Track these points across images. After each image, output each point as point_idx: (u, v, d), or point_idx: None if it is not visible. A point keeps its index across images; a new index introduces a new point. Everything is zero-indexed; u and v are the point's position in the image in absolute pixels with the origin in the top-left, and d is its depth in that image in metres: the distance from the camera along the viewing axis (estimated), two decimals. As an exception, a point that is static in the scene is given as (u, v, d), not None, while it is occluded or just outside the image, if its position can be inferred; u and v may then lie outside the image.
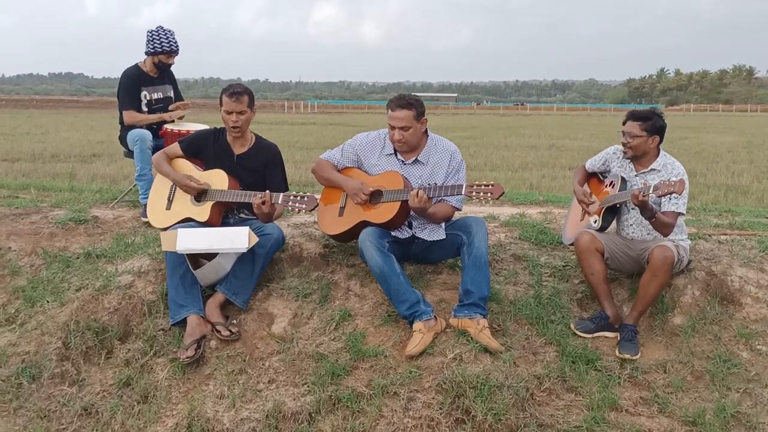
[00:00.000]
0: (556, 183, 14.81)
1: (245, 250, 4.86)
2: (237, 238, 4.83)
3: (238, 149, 5.31)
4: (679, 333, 5.00)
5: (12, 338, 4.85)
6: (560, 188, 13.81)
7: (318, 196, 5.12)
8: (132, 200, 7.30)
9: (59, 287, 5.34)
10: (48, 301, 5.16)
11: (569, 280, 5.50)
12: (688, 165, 19.03)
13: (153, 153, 6.54)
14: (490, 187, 4.70)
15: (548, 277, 5.53)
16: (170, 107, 7.00)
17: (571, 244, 5.51)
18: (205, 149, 5.37)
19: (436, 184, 4.99)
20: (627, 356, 4.76)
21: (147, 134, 6.58)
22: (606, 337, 4.96)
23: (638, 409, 4.41)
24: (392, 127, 4.99)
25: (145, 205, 6.48)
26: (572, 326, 5.00)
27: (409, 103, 4.97)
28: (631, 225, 5.17)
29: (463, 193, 4.76)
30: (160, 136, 6.68)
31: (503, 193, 4.71)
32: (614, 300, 5.13)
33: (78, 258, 5.72)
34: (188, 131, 6.43)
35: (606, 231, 5.21)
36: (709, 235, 6.12)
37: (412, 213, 5.02)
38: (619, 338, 4.89)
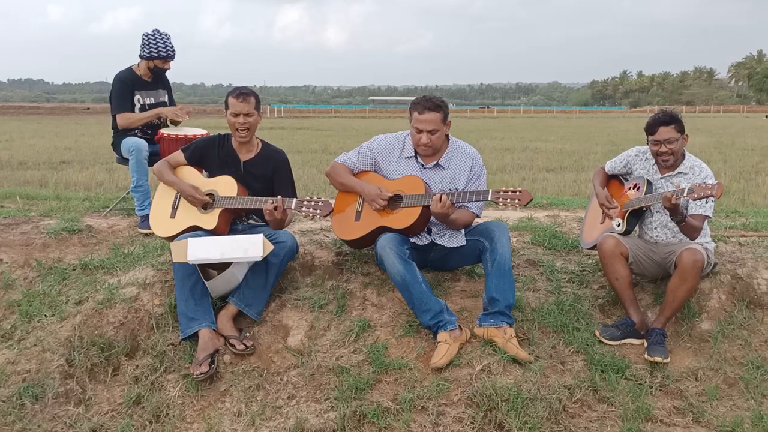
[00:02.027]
0: (538, 185, 14.71)
1: (260, 259, 4.63)
2: (251, 247, 4.60)
3: (245, 155, 5.08)
4: (708, 339, 4.85)
5: (10, 356, 4.60)
6: (543, 190, 13.74)
7: (332, 201, 4.91)
8: (125, 208, 7.02)
9: (57, 301, 5.09)
10: (46, 316, 4.92)
11: (588, 285, 5.34)
12: (663, 166, 19.17)
13: (149, 162, 6.29)
14: (518, 193, 4.51)
15: (566, 282, 5.36)
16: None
17: (591, 248, 5.36)
18: (209, 156, 5.12)
19: (458, 189, 4.82)
20: (658, 359, 4.60)
21: (143, 144, 6.30)
22: (632, 344, 4.80)
23: (673, 419, 4.25)
24: (419, 131, 4.77)
25: (142, 216, 6.23)
26: (597, 333, 4.83)
27: (437, 105, 4.78)
28: (655, 228, 5.02)
29: (489, 198, 4.57)
30: (155, 142, 6.41)
31: (531, 199, 4.52)
32: (639, 306, 4.98)
33: (74, 269, 5.47)
34: (185, 136, 6.20)
35: (629, 235, 5.06)
36: (728, 237, 6.01)
37: (432, 219, 4.83)
38: (647, 342, 4.74)
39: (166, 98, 6.79)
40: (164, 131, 6.33)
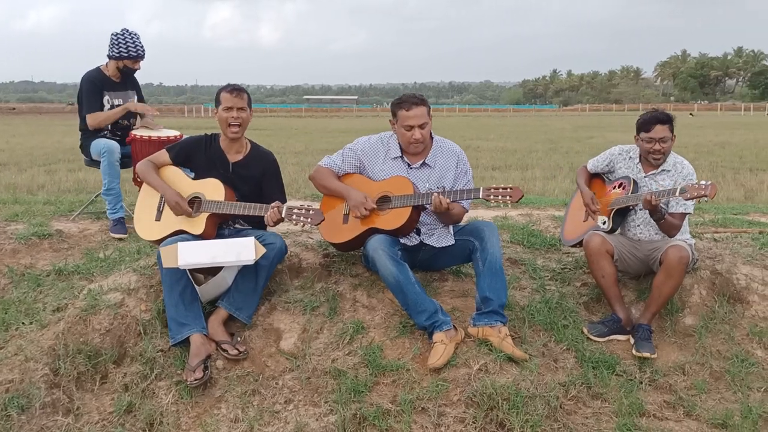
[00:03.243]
0: (486, 184, 14.80)
1: (252, 263, 4.55)
2: (244, 250, 4.51)
3: (234, 156, 4.98)
4: (691, 333, 4.95)
5: (-10, 366, 4.42)
6: (492, 189, 13.79)
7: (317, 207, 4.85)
8: (94, 212, 6.84)
9: (33, 308, 4.95)
10: (24, 323, 4.76)
11: (571, 283, 5.41)
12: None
13: (121, 164, 6.18)
14: (509, 190, 4.56)
15: (549, 280, 5.42)
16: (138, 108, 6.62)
17: (574, 246, 5.42)
18: (196, 156, 5.00)
19: (445, 187, 4.83)
20: (646, 354, 4.66)
21: (115, 146, 6.16)
22: (618, 341, 4.87)
23: (665, 413, 4.32)
24: (410, 128, 4.77)
25: (114, 220, 6.10)
26: (585, 330, 4.89)
27: (421, 99, 4.81)
28: (638, 226, 5.10)
29: (480, 196, 4.60)
30: (127, 143, 6.26)
31: (523, 196, 4.57)
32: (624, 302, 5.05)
33: (48, 275, 5.34)
34: (159, 138, 6.09)
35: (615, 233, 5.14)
36: (701, 234, 6.14)
37: (420, 219, 4.84)
38: (634, 338, 4.81)
39: (135, 99, 6.65)
40: (136, 132, 6.19)
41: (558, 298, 5.13)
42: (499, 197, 4.55)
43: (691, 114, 74.15)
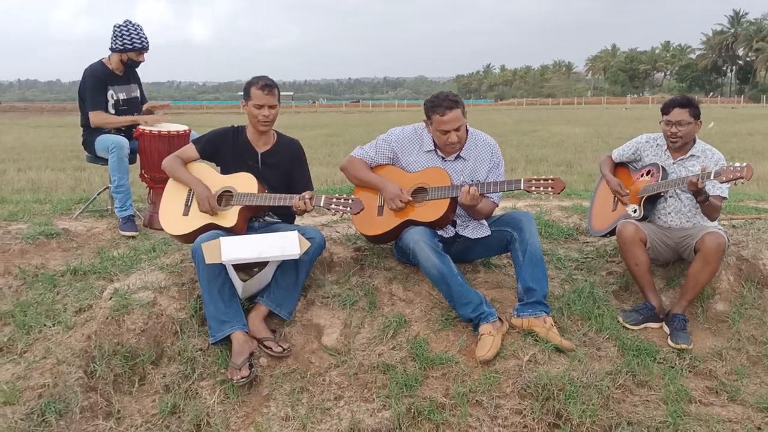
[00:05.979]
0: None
1: (297, 257, 4.43)
2: (288, 245, 4.39)
3: (262, 147, 4.88)
4: (724, 319, 4.99)
5: (17, 371, 4.20)
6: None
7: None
8: (96, 209, 6.60)
9: (53, 309, 4.73)
10: (46, 326, 4.54)
11: (596, 272, 5.42)
12: (556, 156, 19.79)
13: (130, 160, 6.00)
14: (550, 181, 4.52)
15: (575, 270, 5.43)
16: (145, 107, 6.42)
17: (604, 236, 5.42)
18: (223, 149, 4.88)
19: (479, 180, 4.80)
20: (683, 346, 4.69)
21: (123, 141, 5.96)
22: (652, 328, 4.89)
23: (709, 399, 4.34)
24: (445, 132, 4.69)
25: (123, 218, 5.92)
26: (620, 319, 4.89)
27: (455, 101, 4.70)
28: (669, 213, 5.12)
29: (522, 188, 4.55)
30: (134, 138, 6.06)
31: (564, 187, 4.53)
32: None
33: (63, 275, 5.12)
34: (168, 132, 5.92)
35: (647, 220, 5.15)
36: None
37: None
38: (669, 328, 4.83)
39: (138, 93, 6.46)
40: (143, 127, 5.99)
41: (589, 287, 5.11)
42: (541, 188, 4.51)
43: (625, 108, 75.51)
